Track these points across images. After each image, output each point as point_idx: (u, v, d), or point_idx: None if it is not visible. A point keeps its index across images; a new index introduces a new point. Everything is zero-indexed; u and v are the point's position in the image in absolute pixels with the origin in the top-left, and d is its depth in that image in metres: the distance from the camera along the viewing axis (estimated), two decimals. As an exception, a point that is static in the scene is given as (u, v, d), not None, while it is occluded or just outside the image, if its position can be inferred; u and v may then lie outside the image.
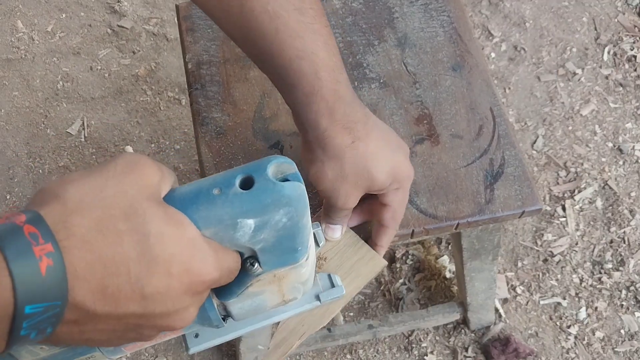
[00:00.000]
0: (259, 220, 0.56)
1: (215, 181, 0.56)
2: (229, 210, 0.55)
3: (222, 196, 0.55)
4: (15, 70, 1.74)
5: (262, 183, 0.56)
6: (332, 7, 1.10)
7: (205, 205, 0.55)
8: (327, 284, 0.78)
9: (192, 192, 0.56)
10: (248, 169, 0.57)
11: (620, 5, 1.84)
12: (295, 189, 0.57)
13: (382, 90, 1.02)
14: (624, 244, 1.51)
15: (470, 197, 0.94)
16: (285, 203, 0.56)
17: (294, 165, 0.59)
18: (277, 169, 0.58)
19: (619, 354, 1.40)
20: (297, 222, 0.58)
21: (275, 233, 0.57)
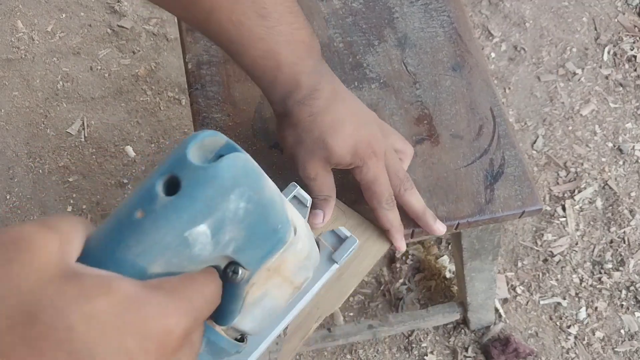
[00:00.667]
0: (212, 222, 0.43)
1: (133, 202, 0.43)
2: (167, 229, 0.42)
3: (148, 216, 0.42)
4: (15, 70, 1.74)
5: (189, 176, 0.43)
6: (332, 7, 1.10)
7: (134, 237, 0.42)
8: (335, 240, 0.66)
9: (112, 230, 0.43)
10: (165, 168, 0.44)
11: (620, 5, 1.84)
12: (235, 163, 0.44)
13: (382, 90, 1.02)
14: (624, 244, 1.51)
15: (470, 197, 0.94)
16: (230, 185, 0.43)
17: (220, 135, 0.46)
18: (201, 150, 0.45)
19: (619, 354, 1.40)
20: (260, 200, 0.45)
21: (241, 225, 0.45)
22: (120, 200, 1.57)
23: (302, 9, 1.10)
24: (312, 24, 1.08)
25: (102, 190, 1.59)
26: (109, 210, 1.56)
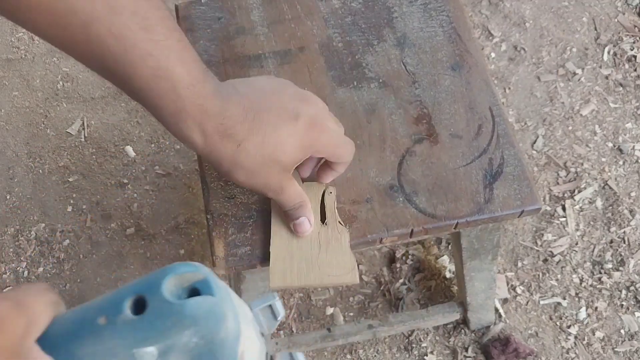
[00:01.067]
0: (162, 346, 0.47)
1: (101, 307, 0.48)
2: (120, 341, 0.47)
3: (109, 326, 0.47)
4: (15, 70, 1.74)
5: (155, 305, 0.47)
6: (332, 7, 1.10)
7: (90, 339, 0.46)
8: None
9: (75, 323, 0.47)
10: (139, 288, 0.48)
11: (620, 5, 1.84)
12: (200, 306, 0.48)
13: (381, 90, 1.02)
14: (624, 244, 1.51)
15: (469, 197, 0.94)
16: (189, 324, 0.48)
17: (201, 271, 0.50)
18: (178, 281, 0.49)
19: (619, 354, 1.40)
20: (213, 339, 0.49)
21: (189, 355, 0.48)
22: (120, 200, 1.57)
23: (299, 9, 1.10)
24: (311, 23, 1.08)
25: (102, 190, 1.59)
26: (109, 210, 1.56)
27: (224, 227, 0.92)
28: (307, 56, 1.06)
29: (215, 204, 0.94)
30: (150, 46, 0.68)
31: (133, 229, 1.54)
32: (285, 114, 0.78)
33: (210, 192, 0.94)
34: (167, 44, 0.69)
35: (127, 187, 1.59)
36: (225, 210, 0.93)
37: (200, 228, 1.54)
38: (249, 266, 0.91)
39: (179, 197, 1.58)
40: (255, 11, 1.10)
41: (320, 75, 1.04)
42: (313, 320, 1.45)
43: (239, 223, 0.92)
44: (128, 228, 1.54)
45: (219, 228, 0.92)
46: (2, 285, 1.48)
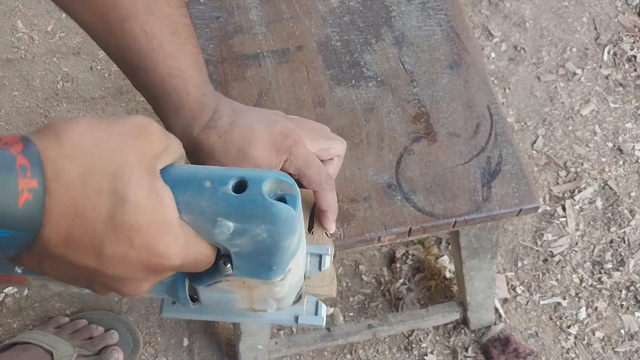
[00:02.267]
0: (239, 226, 0.56)
1: (212, 174, 0.57)
2: (213, 205, 0.55)
3: (211, 190, 0.56)
4: (15, 70, 1.75)
5: (252, 193, 0.56)
6: (330, 6, 1.10)
7: (192, 192, 0.55)
8: (311, 309, 0.77)
9: (187, 175, 0.56)
10: (246, 174, 0.57)
11: (620, 5, 1.83)
12: (284, 211, 0.56)
13: (380, 88, 1.02)
14: (624, 244, 1.51)
15: (467, 195, 0.94)
16: (268, 220, 0.56)
17: (295, 188, 0.59)
18: (275, 185, 0.58)
19: (619, 354, 1.40)
20: (277, 242, 0.57)
21: (253, 244, 0.57)
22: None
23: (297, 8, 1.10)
24: (309, 22, 1.08)
25: (101, 191, 1.59)
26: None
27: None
28: (306, 55, 1.06)
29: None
30: (174, 48, 0.78)
31: (133, 229, 1.54)
32: (266, 118, 0.83)
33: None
34: (187, 48, 0.79)
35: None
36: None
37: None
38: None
39: (178, 197, 1.58)
40: (253, 10, 1.10)
41: (319, 74, 1.04)
42: (312, 320, 1.45)
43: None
44: (128, 228, 1.54)
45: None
46: (2, 286, 1.48)
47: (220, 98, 0.83)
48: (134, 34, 0.76)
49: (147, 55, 0.77)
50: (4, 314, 1.45)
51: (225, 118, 0.81)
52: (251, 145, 0.81)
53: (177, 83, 0.79)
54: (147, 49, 0.77)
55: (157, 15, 0.77)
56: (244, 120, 0.82)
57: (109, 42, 0.79)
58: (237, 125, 0.81)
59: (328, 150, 0.85)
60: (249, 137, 0.81)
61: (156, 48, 0.77)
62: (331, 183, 0.84)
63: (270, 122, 0.82)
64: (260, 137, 0.81)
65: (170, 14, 0.78)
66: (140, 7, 0.76)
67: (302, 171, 0.82)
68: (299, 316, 0.76)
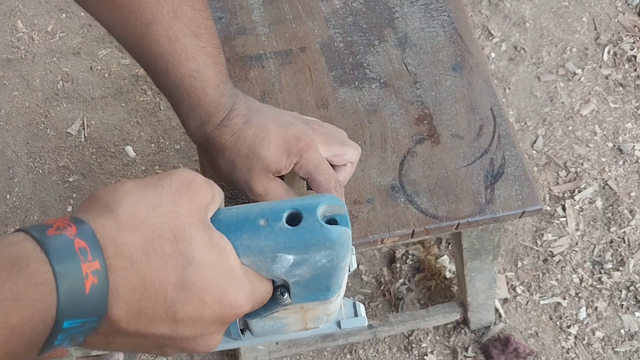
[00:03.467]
0: (298, 258, 0.56)
1: (263, 212, 0.56)
2: (272, 243, 0.55)
3: (267, 228, 0.55)
4: (15, 70, 1.74)
5: (309, 222, 0.56)
6: (333, 7, 1.10)
7: (249, 234, 0.55)
8: (350, 311, 0.77)
9: (239, 218, 0.56)
10: (298, 205, 0.57)
11: (620, 5, 1.84)
12: (342, 234, 0.57)
13: (383, 90, 1.02)
14: (624, 244, 1.51)
15: (470, 197, 0.94)
16: (328, 246, 0.56)
17: (344, 208, 0.59)
18: (327, 208, 0.58)
19: (619, 354, 1.40)
20: (336, 265, 0.58)
21: (312, 271, 0.57)
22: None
23: (300, 9, 1.10)
24: (312, 23, 1.08)
25: (102, 190, 1.59)
26: (109, 210, 1.56)
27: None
28: (309, 56, 1.06)
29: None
30: (195, 51, 0.79)
31: (133, 229, 1.54)
32: (281, 120, 0.83)
33: (211, 193, 0.94)
34: (208, 50, 0.80)
35: (127, 187, 1.59)
36: (226, 210, 0.93)
37: (200, 228, 1.54)
38: None
39: (179, 197, 1.58)
40: (256, 11, 1.10)
41: (322, 75, 1.04)
42: (313, 320, 1.45)
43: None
44: (128, 228, 1.54)
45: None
46: (2, 285, 1.48)
47: (237, 96, 0.84)
48: (157, 38, 0.78)
49: (170, 57, 0.79)
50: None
51: (240, 117, 0.82)
52: (263, 145, 0.81)
53: (196, 84, 0.80)
54: (169, 52, 0.79)
55: (181, 19, 0.78)
56: (259, 119, 0.82)
57: (134, 45, 0.80)
58: (251, 125, 0.82)
59: (342, 156, 0.85)
60: (262, 136, 0.81)
61: (178, 51, 0.78)
62: (340, 190, 0.84)
63: (285, 123, 0.82)
64: (273, 138, 0.81)
65: (194, 17, 0.79)
66: (165, 12, 0.77)
67: (312, 176, 0.83)
68: (341, 321, 0.75)
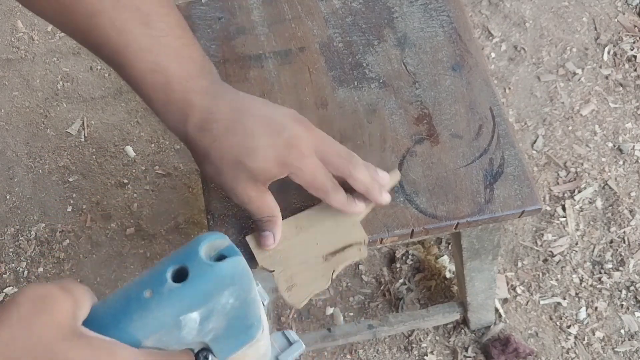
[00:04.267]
0: (204, 311, 0.51)
1: (144, 282, 0.51)
2: (168, 310, 0.50)
3: (155, 297, 0.50)
4: (15, 70, 1.74)
5: (197, 270, 0.51)
6: (332, 7, 1.10)
7: (139, 312, 0.49)
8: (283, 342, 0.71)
9: (121, 301, 0.50)
10: (178, 258, 0.52)
11: (620, 5, 1.84)
12: (235, 266, 0.52)
13: (382, 90, 1.02)
14: (624, 244, 1.51)
15: (470, 197, 0.94)
16: (228, 283, 0.52)
17: (226, 239, 0.55)
18: (209, 248, 0.53)
19: (619, 354, 1.40)
20: (245, 298, 0.54)
21: (225, 317, 0.53)
22: (120, 200, 1.57)
23: (299, 9, 1.10)
24: (311, 23, 1.08)
25: (102, 190, 1.59)
26: (108, 210, 1.56)
27: (225, 228, 0.92)
28: (308, 56, 1.06)
29: (215, 204, 0.94)
30: (149, 41, 0.72)
31: (133, 229, 1.54)
32: (272, 124, 0.77)
33: (210, 193, 0.94)
34: (166, 40, 0.74)
35: (127, 187, 1.59)
36: (226, 210, 0.93)
37: (200, 228, 1.54)
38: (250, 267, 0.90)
39: (179, 197, 1.58)
40: (255, 11, 1.10)
41: (321, 75, 1.04)
42: (313, 320, 1.45)
43: (240, 224, 0.92)
44: (128, 228, 1.54)
45: (219, 228, 0.92)
46: (2, 285, 1.48)
47: (218, 95, 0.77)
48: (103, 30, 0.72)
49: (122, 50, 0.72)
50: None
51: (221, 122, 0.76)
52: (249, 156, 0.76)
53: (158, 79, 0.74)
54: (120, 44, 0.72)
55: (126, 7, 0.71)
56: (244, 125, 0.76)
57: (85, 41, 0.75)
58: (235, 132, 0.76)
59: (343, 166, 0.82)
60: (248, 145, 0.76)
61: (130, 42, 0.72)
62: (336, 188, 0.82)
63: (276, 129, 0.77)
64: (261, 147, 0.76)
65: (139, 4, 0.72)
66: (106, 2, 0.71)
67: (309, 184, 0.80)
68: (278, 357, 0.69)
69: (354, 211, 0.86)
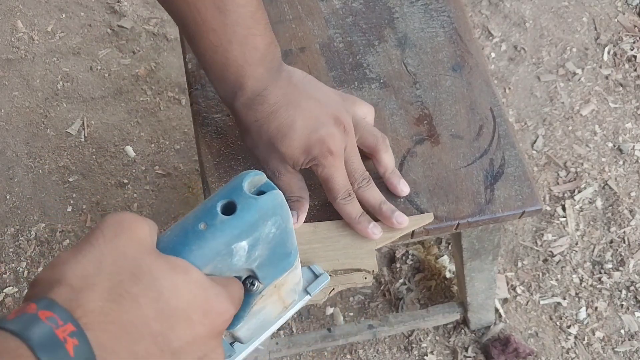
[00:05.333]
0: (251, 239, 0.56)
1: (197, 216, 0.56)
2: (222, 239, 0.55)
3: (210, 229, 0.55)
4: (15, 70, 1.74)
5: (244, 203, 0.56)
6: (332, 7, 1.10)
7: (197, 243, 0.54)
8: (309, 276, 0.79)
9: (180, 234, 0.55)
10: (226, 194, 0.57)
11: (620, 5, 1.84)
12: (275, 198, 0.58)
13: (382, 90, 1.02)
14: (624, 244, 1.51)
15: (470, 198, 0.94)
16: (270, 214, 0.57)
17: (264, 176, 0.60)
18: (250, 184, 0.58)
19: (619, 354, 1.40)
20: (285, 228, 0.59)
21: (268, 245, 0.58)
22: (120, 200, 1.57)
23: (300, 9, 1.10)
24: (312, 23, 1.08)
25: (102, 190, 1.59)
26: (109, 210, 1.56)
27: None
28: (308, 56, 1.06)
29: (216, 204, 0.93)
30: (217, 25, 0.80)
31: (133, 229, 1.54)
32: (312, 119, 0.84)
33: (211, 193, 0.94)
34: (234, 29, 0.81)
35: (127, 187, 1.59)
36: (226, 210, 0.93)
37: (200, 228, 1.54)
38: None
39: (179, 197, 1.58)
40: (256, 11, 1.10)
41: (321, 75, 1.04)
42: (313, 320, 1.45)
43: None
44: (128, 228, 1.54)
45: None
46: (2, 285, 1.48)
47: (270, 82, 0.84)
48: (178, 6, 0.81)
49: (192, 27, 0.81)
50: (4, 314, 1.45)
51: (267, 106, 0.84)
52: (283, 142, 0.84)
53: (218, 59, 0.82)
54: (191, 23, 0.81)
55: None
56: (287, 113, 0.84)
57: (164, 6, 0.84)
58: (277, 117, 0.84)
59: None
60: (284, 132, 0.84)
61: (199, 22, 0.80)
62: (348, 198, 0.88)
63: (313, 125, 0.84)
64: (296, 137, 0.84)
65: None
66: None
67: (324, 181, 0.87)
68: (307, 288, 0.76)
69: (359, 229, 0.89)
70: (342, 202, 0.88)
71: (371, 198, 0.89)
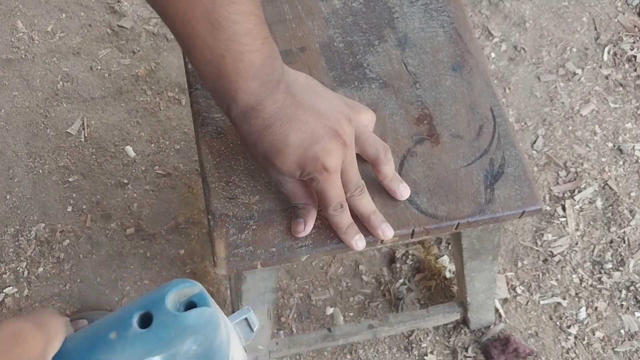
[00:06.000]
0: (166, 355, 0.53)
1: (111, 324, 0.54)
2: (132, 352, 0.52)
3: (120, 340, 0.52)
4: (15, 70, 1.74)
5: (161, 318, 0.54)
6: (332, 7, 1.10)
7: (104, 353, 0.52)
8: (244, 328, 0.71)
9: (88, 340, 0.53)
10: (145, 304, 0.54)
11: (620, 5, 1.84)
12: (200, 316, 0.55)
13: (382, 90, 1.02)
14: (624, 244, 1.51)
15: (470, 197, 0.94)
16: (190, 333, 0.54)
17: (197, 286, 0.57)
18: (178, 295, 0.56)
19: (619, 354, 1.40)
20: (210, 346, 0.55)
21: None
22: (120, 200, 1.57)
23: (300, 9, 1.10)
24: (312, 23, 1.08)
25: (102, 190, 1.59)
26: (109, 210, 1.56)
27: (225, 228, 0.92)
28: (308, 56, 1.06)
29: (216, 204, 0.94)
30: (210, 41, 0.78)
31: (133, 229, 1.54)
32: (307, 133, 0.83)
33: (211, 193, 0.94)
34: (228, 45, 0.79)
35: (127, 187, 1.59)
36: (226, 210, 0.93)
37: (200, 228, 1.54)
38: (250, 267, 0.91)
39: (179, 197, 1.58)
40: (256, 11, 1.10)
41: (321, 75, 1.04)
42: (313, 320, 1.45)
43: (240, 223, 0.92)
44: (128, 228, 1.54)
45: (220, 228, 0.92)
46: (2, 285, 1.48)
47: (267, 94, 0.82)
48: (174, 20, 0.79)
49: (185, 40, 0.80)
50: (4, 314, 1.45)
51: (262, 120, 0.82)
52: (278, 156, 0.83)
53: (211, 71, 0.81)
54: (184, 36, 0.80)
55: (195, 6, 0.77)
56: (281, 128, 0.82)
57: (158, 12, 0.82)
58: (271, 132, 0.82)
59: None
60: (278, 147, 0.83)
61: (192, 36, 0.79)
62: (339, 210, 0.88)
63: (309, 140, 0.83)
64: (290, 153, 0.83)
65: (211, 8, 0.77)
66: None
67: (318, 194, 0.87)
68: None
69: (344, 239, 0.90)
70: (333, 214, 0.88)
71: (362, 207, 0.90)
